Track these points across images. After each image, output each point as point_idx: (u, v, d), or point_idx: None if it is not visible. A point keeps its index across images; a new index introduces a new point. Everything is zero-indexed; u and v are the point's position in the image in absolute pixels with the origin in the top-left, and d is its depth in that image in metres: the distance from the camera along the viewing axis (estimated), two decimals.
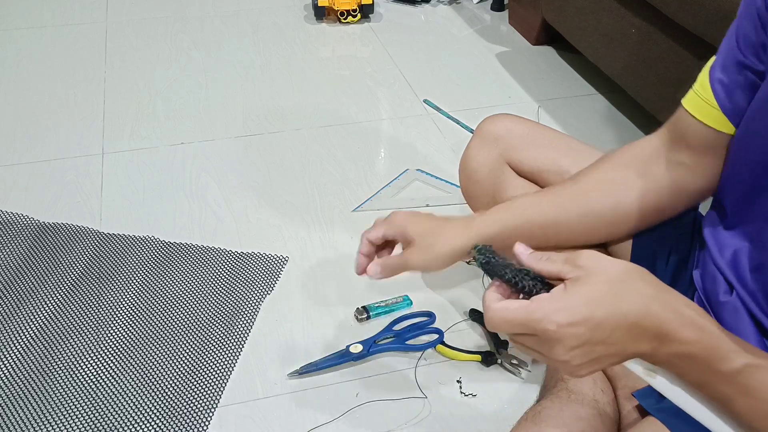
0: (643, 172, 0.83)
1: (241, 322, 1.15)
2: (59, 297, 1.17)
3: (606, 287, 0.56)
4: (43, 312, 1.15)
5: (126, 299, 1.17)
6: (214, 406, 1.02)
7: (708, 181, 0.81)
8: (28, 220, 1.33)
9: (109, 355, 1.08)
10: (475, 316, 1.16)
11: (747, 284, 0.76)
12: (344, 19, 2.09)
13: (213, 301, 1.18)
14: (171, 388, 1.04)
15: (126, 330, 1.12)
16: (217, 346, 1.10)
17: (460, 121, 1.51)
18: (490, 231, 0.86)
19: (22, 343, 1.09)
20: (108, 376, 1.05)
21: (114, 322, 1.13)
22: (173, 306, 1.17)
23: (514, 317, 0.57)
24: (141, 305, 1.17)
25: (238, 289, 1.20)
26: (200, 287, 1.20)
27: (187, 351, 1.09)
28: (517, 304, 0.57)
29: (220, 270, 1.24)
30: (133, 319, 1.14)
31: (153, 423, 0.99)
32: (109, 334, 1.11)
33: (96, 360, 1.07)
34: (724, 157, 0.79)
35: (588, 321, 0.55)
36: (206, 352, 1.09)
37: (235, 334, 1.13)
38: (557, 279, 0.58)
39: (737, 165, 0.78)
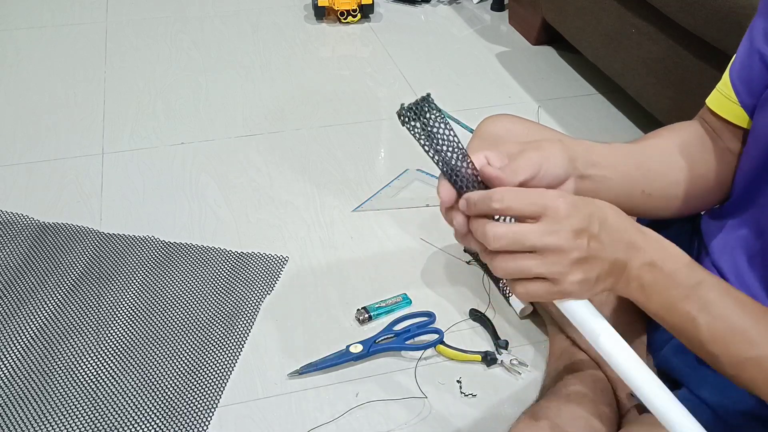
0: (704, 149, 0.81)
1: (241, 322, 1.15)
2: (59, 297, 1.17)
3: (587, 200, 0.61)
4: (43, 312, 1.15)
5: (126, 299, 1.17)
6: (214, 406, 1.02)
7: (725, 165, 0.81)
8: (28, 220, 1.33)
9: (109, 355, 1.08)
10: (476, 316, 1.16)
11: (744, 279, 0.77)
12: (344, 19, 2.09)
13: (213, 301, 1.18)
14: (171, 388, 1.04)
15: (126, 330, 1.12)
16: (217, 346, 1.10)
17: (460, 121, 1.51)
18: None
19: (22, 343, 1.09)
20: (108, 376, 1.05)
21: (114, 322, 1.13)
22: (173, 306, 1.17)
23: (530, 193, 0.59)
24: (141, 305, 1.17)
25: (238, 289, 1.20)
26: (200, 287, 1.20)
27: (187, 351, 1.09)
28: (529, 189, 0.60)
29: (220, 270, 1.24)
30: (133, 319, 1.14)
31: (153, 423, 0.99)
32: (109, 334, 1.11)
33: (96, 360, 1.07)
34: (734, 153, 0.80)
35: (582, 210, 0.58)
36: (206, 352, 1.09)
37: (235, 334, 1.13)
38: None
39: (747, 152, 0.78)
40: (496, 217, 0.60)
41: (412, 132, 0.60)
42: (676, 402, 0.59)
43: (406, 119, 0.60)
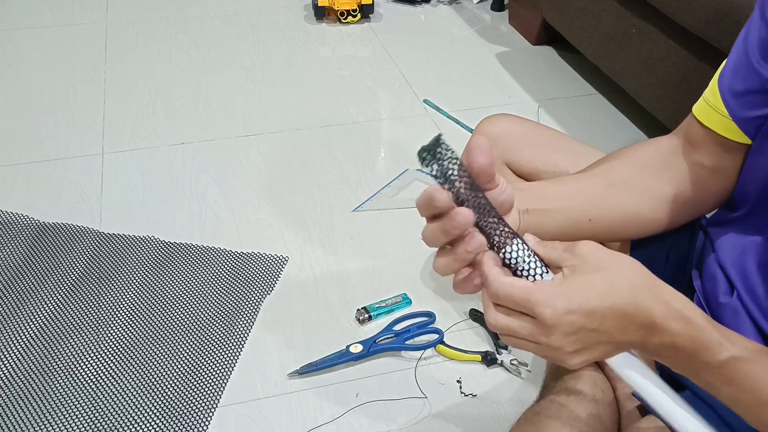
0: (667, 167, 0.79)
1: (241, 322, 1.15)
2: (59, 297, 1.17)
3: (599, 276, 0.57)
4: (43, 312, 1.15)
5: (126, 299, 1.17)
6: (214, 406, 1.02)
7: (731, 182, 0.79)
8: (28, 220, 1.33)
9: (109, 355, 1.08)
10: (475, 316, 1.16)
11: (751, 284, 0.76)
12: (344, 19, 2.09)
13: (213, 301, 1.18)
14: (171, 388, 1.04)
15: (126, 330, 1.12)
16: (217, 346, 1.10)
17: (459, 120, 1.51)
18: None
19: (22, 343, 1.09)
20: (108, 376, 1.05)
21: (114, 322, 1.13)
22: (173, 306, 1.17)
23: (517, 294, 0.57)
24: (141, 305, 1.17)
25: (238, 289, 1.20)
26: (200, 287, 1.20)
27: (187, 351, 1.09)
28: (521, 283, 0.58)
29: (220, 270, 1.24)
30: (133, 319, 1.14)
31: (153, 423, 0.99)
32: (109, 334, 1.11)
33: (96, 360, 1.07)
34: (742, 161, 0.77)
35: (582, 308, 0.56)
36: (206, 352, 1.09)
37: (235, 334, 1.13)
38: (556, 267, 0.59)
39: (761, 163, 0.76)
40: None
41: (431, 172, 0.62)
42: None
43: (425, 161, 0.61)
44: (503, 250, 0.61)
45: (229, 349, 1.10)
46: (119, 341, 1.10)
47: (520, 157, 1.02)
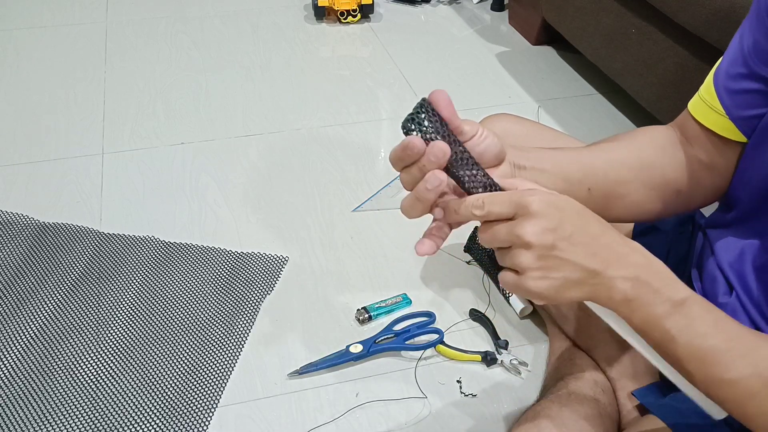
0: (664, 154, 0.79)
1: (241, 322, 1.15)
2: (59, 297, 1.17)
3: (576, 205, 0.60)
4: (43, 312, 1.15)
5: (126, 299, 1.17)
6: (214, 406, 1.02)
7: (725, 179, 0.79)
8: (28, 220, 1.33)
9: (109, 355, 1.08)
10: (475, 316, 1.16)
11: (748, 285, 0.76)
12: (344, 19, 2.09)
13: (213, 301, 1.18)
14: (171, 388, 1.04)
15: (126, 330, 1.12)
16: (217, 346, 1.10)
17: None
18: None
19: (22, 343, 1.09)
20: (108, 376, 1.05)
21: (114, 322, 1.13)
22: (173, 306, 1.17)
23: (505, 193, 0.60)
24: (141, 305, 1.17)
25: (238, 289, 1.20)
26: (200, 287, 1.20)
27: (187, 351, 1.09)
28: (508, 192, 0.60)
29: (220, 270, 1.24)
30: (133, 319, 1.14)
31: (153, 423, 0.99)
32: (109, 334, 1.11)
33: (96, 360, 1.07)
34: (737, 159, 0.77)
35: (562, 206, 0.59)
36: (206, 352, 1.09)
37: (235, 334, 1.13)
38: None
39: (755, 166, 0.76)
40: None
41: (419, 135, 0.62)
42: None
43: (408, 129, 0.62)
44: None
45: (229, 349, 1.10)
46: (119, 341, 1.10)
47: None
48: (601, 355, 0.94)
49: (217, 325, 1.14)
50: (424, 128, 0.61)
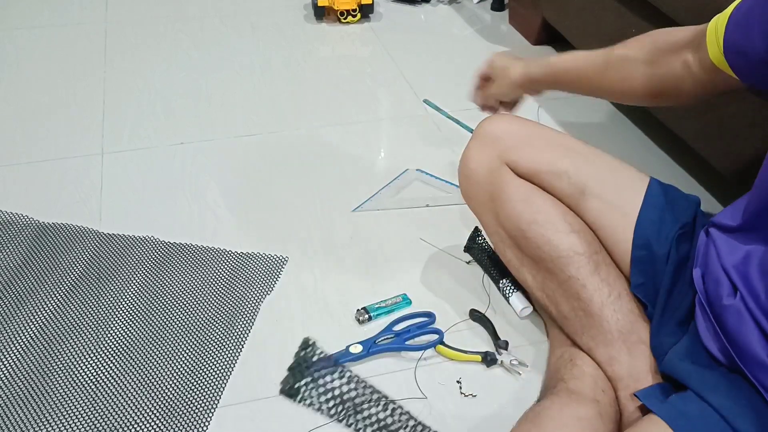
0: (657, 60, 0.93)
1: (241, 322, 1.15)
2: (59, 297, 1.17)
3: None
4: (43, 312, 1.15)
5: (126, 299, 1.17)
6: (214, 406, 1.02)
7: (702, 91, 0.91)
8: (28, 220, 1.33)
9: (109, 355, 1.08)
10: (475, 316, 1.16)
11: (754, 288, 0.76)
12: (344, 19, 2.09)
13: (213, 301, 1.18)
14: (171, 388, 1.04)
15: (126, 330, 1.12)
16: (216, 346, 1.10)
17: (459, 121, 1.51)
18: (540, 71, 1.14)
19: (22, 343, 1.09)
20: (108, 376, 1.05)
21: (114, 322, 1.13)
22: (173, 306, 1.17)
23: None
24: (141, 305, 1.16)
25: (238, 289, 1.20)
26: (200, 287, 1.20)
27: (187, 351, 1.09)
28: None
29: (220, 270, 1.24)
30: (132, 319, 1.14)
31: (153, 423, 0.99)
32: (108, 334, 1.11)
33: (96, 360, 1.07)
34: (722, 85, 0.87)
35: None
36: (206, 352, 1.09)
37: (235, 334, 1.13)
38: None
39: (761, 177, 0.77)
40: None
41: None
42: None
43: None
44: None
45: (229, 349, 1.10)
46: (119, 341, 1.10)
47: (520, 157, 1.02)
48: (602, 356, 0.94)
49: (216, 325, 1.14)
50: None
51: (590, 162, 1.01)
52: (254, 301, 1.18)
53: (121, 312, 1.15)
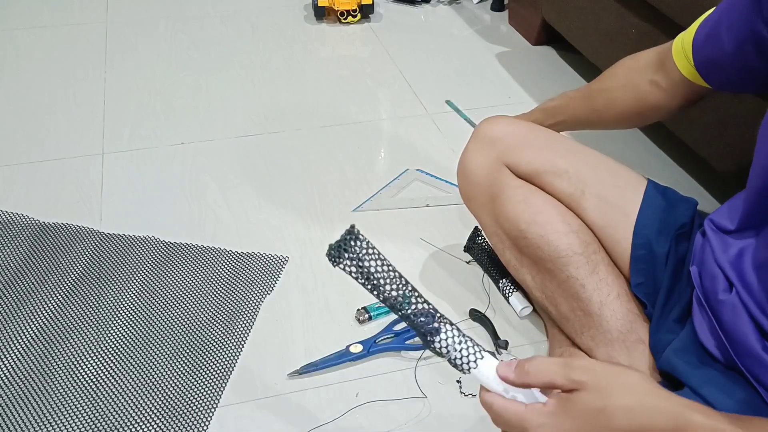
0: (629, 85, 1.00)
1: (241, 322, 1.15)
2: (59, 297, 1.17)
3: (597, 404, 0.59)
4: (43, 312, 1.15)
5: (126, 299, 1.17)
6: (214, 406, 1.02)
7: (677, 105, 0.96)
8: (28, 220, 1.33)
9: (109, 355, 1.08)
10: (475, 316, 1.16)
11: (748, 283, 0.76)
12: (344, 19, 2.09)
13: (213, 301, 1.18)
14: (171, 388, 1.04)
15: (126, 330, 1.12)
16: (217, 346, 1.10)
17: (465, 115, 1.50)
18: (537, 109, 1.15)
19: (22, 343, 1.09)
20: (108, 376, 1.05)
21: (114, 322, 1.14)
22: (173, 306, 1.17)
23: (511, 417, 0.62)
24: (141, 305, 1.17)
25: (238, 289, 1.20)
26: (200, 287, 1.20)
27: (187, 351, 1.09)
28: (514, 407, 0.62)
29: (220, 270, 1.24)
30: (133, 319, 1.14)
31: (153, 423, 0.99)
32: (109, 334, 1.11)
33: (96, 360, 1.07)
34: (695, 95, 0.93)
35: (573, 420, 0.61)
36: (206, 352, 1.09)
37: (235, 334, 1.13)
38: (551, 387, 0.61)
39: (758, 163, 0.78)
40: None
41: (346, 271, 0.60)
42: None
43: (335, 260, 0.60)
44: (433, 341, 0.63)
45: (229, 349, 1.10)
46: (119, 341, 1.10)
47: (520, 158, 1.02)
48: (602, 356, 0.94)
49: (217, 325, 1.14)
50: (358, 260, 0.59)
51: (589, 162, 1.01)
52: (254, 301, 1.18)
53: (121, 312, 1.15)
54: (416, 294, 0.63)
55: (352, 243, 0.59)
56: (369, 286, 0.62)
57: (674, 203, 0.96)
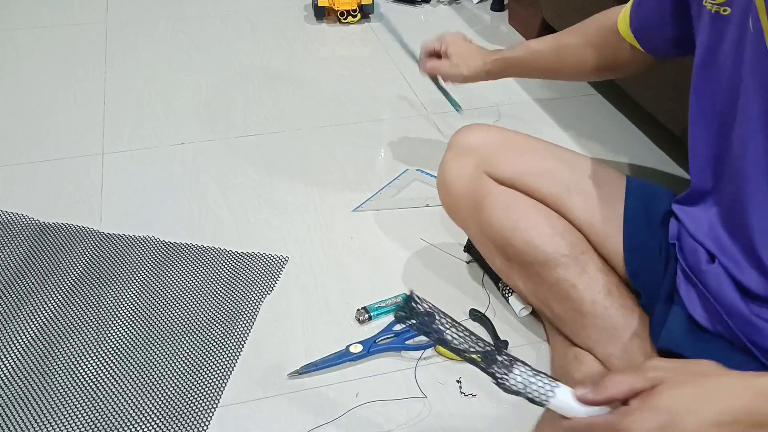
0: (600, 43, 1.07)
1: (241, 322, 1.15)
2: (59, 297, 1.17)
3: (690, 390, 0.60)
4: (43, 312, 1.15)
5: (126, 299, 1.17)
6: (214, 406, 1.02)
7: (637, 65, 1.05)
8: (28, 220, 1.33)
9: (109, 355, 1.08)
10: (475, 316, 1.16)
11: (724, 246, 0.80)
12: (344, 19, 2.09)
13: (213, 301, 1.18)
14: (171, 389, 1.04)
15: (126, 330, 1.12)
16: (217, 346, 1.10)
17: (450, 95, 1.48)
18: (498, 67, 1.22)
19: (22, 343, 1.09)
20: (108, 376, 1.05)
21: (114, 322, 1.14)
22: (173, 306, 1.17)
23: (602, 427, 0.62)
24: (141, 305, 1.17)
25: (238, 289, 1.20)
26: (200, 287, 1.20)
27: (187, 351, 1.09)
28: (601, 419, 0.63)
29: (220, 270, 1.24)
30: (133, 319, 1.14)
31: (153, 423, 0.99)
32: (109, 334, 1.11)
33: (96, 360, 1.07)
34: (647, 61, 1.03)
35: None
36: (206, 352, 1.09)
37: (235, 334, 1.13)
38: (631, 396, 0.62)
39: (695, 134, 0.83)
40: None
41: (414, 328, 0.69)
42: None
43: (403, 321, 0.69)
44: (507, 382, 0.66)
45: (229, 349, 1.10)
46: (119, 341, 1.10)
47: (500, 163, 1.03)
48: (600, 353, 0.95)
49: (217, 325, 1.14)
50: (420, 319, 0.68)
51: (568, 162, 1.03)
52: (254, 301, 1.19)
53: (121, 312, 1.15)
54: (480, 341, 0.69)
55: (414, 305, 0.69)
56: (435, 339, 0.69)
57: (655, 193, 0.97)
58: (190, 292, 1.19)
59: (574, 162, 1.02)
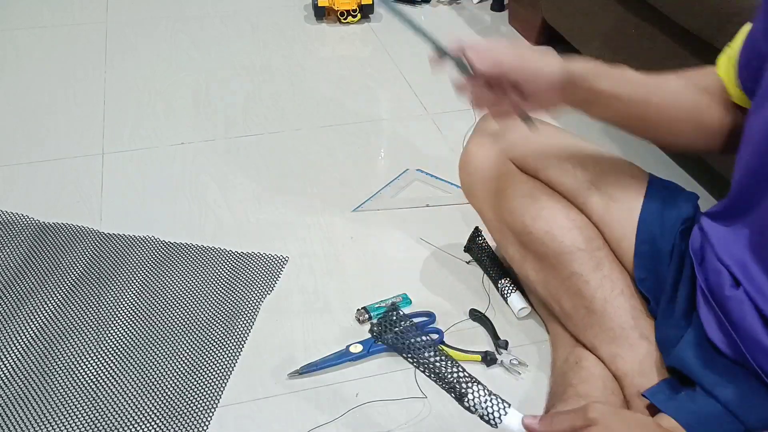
0: (688, 87, 0.91)
1: (241, 322, 1.15)
2: (59, 297, 1.17)
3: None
4: (43, 312, 1.15)
5: (126, 299, 1.17)
6: (214, 406, 1.02)
7: (728, 128, 0.89)
8: (28, 220, 1.33)
9: (109, 355, 1.08)
10: (475, 316, 1.16)
11: (751, 274, 0.77)
12: (344, 19, 2.09)
13: (213, 301, 1.18)
14: (171, 389, 1.04)
15: (126, 330, 1.12)
16: (217, 346, 1.10)
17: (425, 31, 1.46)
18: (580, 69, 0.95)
19: (22, 343, 1.09)
20: (108, 376, 1.05)
21: (114, 322, 1.13)
22: (173, 306, 1.17)
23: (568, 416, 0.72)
24: (141, 305, 1.17)
25: (238, 289, 1.20)
26: (200, 287, 1.20)
27: (187, 351, 1.09)
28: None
29: (220, 270, 1.24)
30: (133, 319, 1.14)
31: (153, 423, 0.99)
32: (109, 334, 1.11)
33: (96, 360, 1.07)
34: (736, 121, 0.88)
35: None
36: (206, 352, 1.09)
37: (235, 334, 1.13)
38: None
39: (741, 156, 0.80)
40: None
41: (385, 343, 0.76)
42: None
43: (377, 337, 0.76)
44: (464, 398, 0.74)
45: (229, 349, 1.10)
46: (119, 341, 1.10)
47: (525, 153, 1.02)
48: (606, 353, 0.94)
49: (217, 325, 1.14)
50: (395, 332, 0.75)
51: (593, 158, 1.01)
52: (254, 301, 1.18)
53: (121, 312, 1.15)
54: (449, 361, 0.76)
55: (392, 319, 0.75)
56: (404, 356, 0.76)
57: (676, 197, 0.96)
58: (190, 292, 1.19)
59: (600, 158, 1.01)
